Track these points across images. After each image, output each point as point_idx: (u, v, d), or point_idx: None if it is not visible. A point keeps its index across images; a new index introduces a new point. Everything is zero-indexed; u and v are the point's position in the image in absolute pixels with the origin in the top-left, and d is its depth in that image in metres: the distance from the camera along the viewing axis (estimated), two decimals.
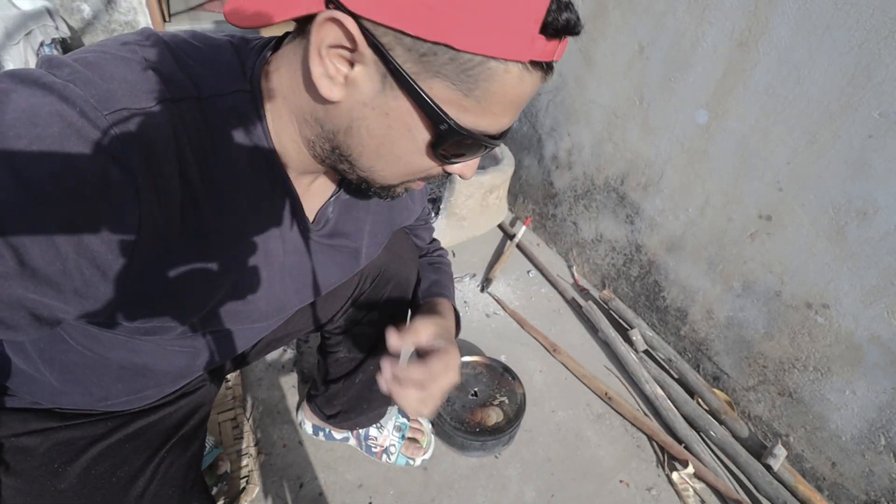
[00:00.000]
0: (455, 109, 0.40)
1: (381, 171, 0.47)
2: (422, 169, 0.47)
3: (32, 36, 2.61)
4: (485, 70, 0.38)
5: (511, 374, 1.24)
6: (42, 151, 0.34)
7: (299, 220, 0.54)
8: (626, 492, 1.13)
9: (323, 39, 0.39)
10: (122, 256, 0.40)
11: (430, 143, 0.43)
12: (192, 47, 0.45)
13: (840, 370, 1.06)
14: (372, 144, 0.44)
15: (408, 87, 0.39)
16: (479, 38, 0.37)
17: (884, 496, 1.03)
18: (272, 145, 0.47)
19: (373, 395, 1.02)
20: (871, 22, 0.87)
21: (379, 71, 0.39)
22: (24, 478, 0.59)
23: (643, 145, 1.39)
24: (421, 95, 0.39)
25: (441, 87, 0.39)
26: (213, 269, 0.48)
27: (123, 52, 0.41)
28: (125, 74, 0.39)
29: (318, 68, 0.40)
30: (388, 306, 0.90)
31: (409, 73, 0.39)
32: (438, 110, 0.40)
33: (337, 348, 0.96)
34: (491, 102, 0.41)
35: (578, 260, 1.75)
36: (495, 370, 1.25)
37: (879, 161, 0.91)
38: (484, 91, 0.40)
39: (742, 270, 1.21)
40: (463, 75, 0.38)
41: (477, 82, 0.39)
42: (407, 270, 0.88)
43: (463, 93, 0.40)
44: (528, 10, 0.37)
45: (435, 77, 0.39)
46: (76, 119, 0.35)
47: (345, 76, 0.40)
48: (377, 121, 0.42)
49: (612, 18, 1.38)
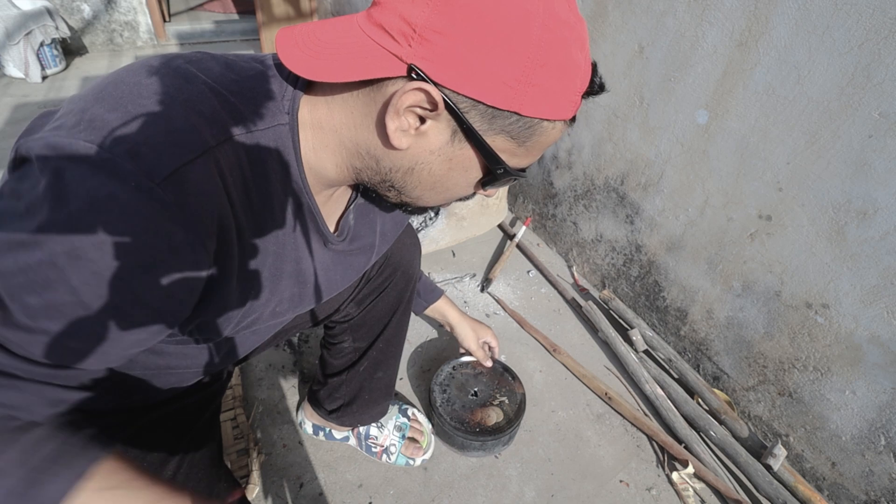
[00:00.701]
0: (508, 156, 0.48)
1: (428, 201, 0.55)
2: (462, 197, 0.55)
3: (32, 36, 2.62)
4: (539, 128, 0.47)
5: (511, 374, 1.23)
6: (112, 236, 0.38)
7: (324, 235, 0.59)
8: (626, 492, 1.13)
9: (405, 102, 0.44)
10: (196, 292, 0.46)
11: (481, 180, 0.51)
12: (230, 81, 0.46)
13: (840, 370, 1.06)
14: (429, 182, 0.51)
15: (475, 141, 0.46)
16: (542, 107, 0.45)
17: (884, 496, 1.03)
18: (303, 173, 0.51)
19: (375, 384, 1.03)
20: (871, 22, 0.87)
21: (450, 127, 0.46)
22: None
23: (643, 145, 1.39)
24: (486, 147, 0.47)
25: (502, 140, 0.47)
26: (255, 288, 0.54)
27: (162, 96, 0.42)
28: (167, 126, 0.40)
29: (393, 123, 0.45)
30: (394, 292, 0.93)
31: (478, 131, 0.46)
32: (497, 157, 0.48)
33: (341, 338, 0.97)
34: (535, 150, 0.49)
35: (578, 260, 1.76)
36: (495, 370, 1.24)
37: (879, 161, 0.91)
38: (534, 143, 0.48)
39: (742, 270, 1.21)
40: (523, 133, 0.47)
41: (531, 137, 0.47)
42: (410, 256, 0.93)
43: (518, 144, 0.48)
44: (577, 85, 0.46)
45: (498, 133, 0.46)
46: (132, 197, 0.38)
47: (416, 129, 0.46)
48: (440, 165, 0.49)
49: (612, 18, 1.38)
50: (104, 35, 3.19)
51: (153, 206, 0.38)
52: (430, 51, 0.42)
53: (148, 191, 0.38)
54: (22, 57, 2.64)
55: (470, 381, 1.21)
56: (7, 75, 2.74)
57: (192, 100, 0.43)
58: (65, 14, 3.00)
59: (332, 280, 0.67)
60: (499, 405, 1.16)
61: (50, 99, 2.58)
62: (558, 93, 0.45)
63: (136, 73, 0.44)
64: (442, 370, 1.21)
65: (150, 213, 0.38)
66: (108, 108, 0.40)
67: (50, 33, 2.73)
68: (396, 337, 1.01)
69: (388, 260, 0.90)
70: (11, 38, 2.57)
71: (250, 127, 0.46)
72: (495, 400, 1.18)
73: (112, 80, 0.43)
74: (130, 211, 0.38)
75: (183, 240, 0.40)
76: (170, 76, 0.44)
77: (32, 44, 2.65)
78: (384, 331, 0.97)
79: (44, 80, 2.76)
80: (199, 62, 0.47)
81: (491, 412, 1.14)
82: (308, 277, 0.61)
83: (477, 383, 1.21)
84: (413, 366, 1.37)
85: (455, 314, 1.15)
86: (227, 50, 3.42)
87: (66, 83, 2.76)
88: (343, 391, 1.03)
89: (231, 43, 3.58)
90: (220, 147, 0.43)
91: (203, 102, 0.43)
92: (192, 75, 0.45)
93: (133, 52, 3.25)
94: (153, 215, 0.38)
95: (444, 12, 0.41)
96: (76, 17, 3.05)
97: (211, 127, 0.42)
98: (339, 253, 0.64)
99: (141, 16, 3.24)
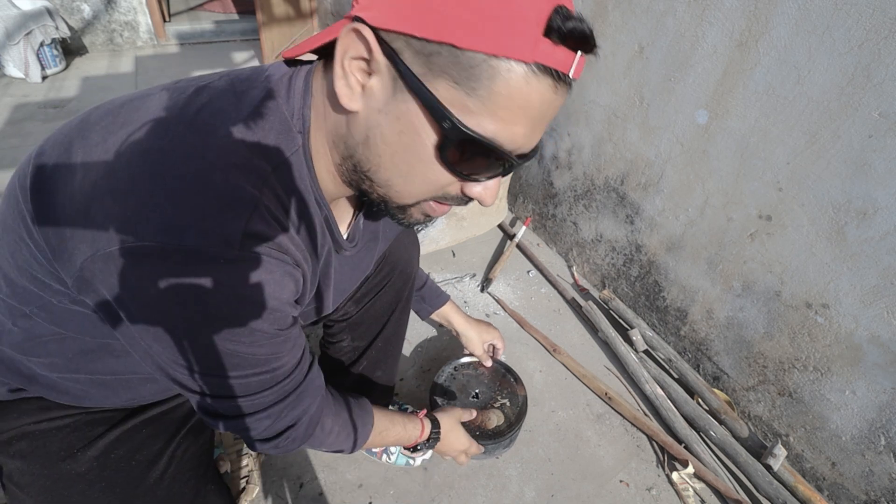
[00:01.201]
0: (459, 110, 0.41)
1: (397, 187, 0.48)
2: (436, 183, 0.47)
3: (32, 36, 2.62)
4: (487, 68, 0.39)
5: (513, 375, 1.21)
6: (242, 309, 0.45)
7: (339, 243, 0.60)
8: (626, 492, 1.13)
9: (346, 51, 0.42)
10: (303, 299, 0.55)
11: (438, 145, 0.43)
12: (247, 117, 0.47)
13: (840, 370, 1.06)
14: (387, 153, 0.45)
15: (415, 88, 0.40)
16: (481, 37, 0.37)
17: (884, 496, 1.03)
18: (319, 189, 0.52)
19: (374, 383, 1.03)
20: (871, 22, 0.87)
21: (391, 76, 0.41)
22: (41, 462, 0.61)
23: (643, 145, 1.39)
24: (426, 93, 0.40)
25: (446, 88, 0.40)
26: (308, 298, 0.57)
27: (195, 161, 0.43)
28: (216, 193, 0.42)
29: (340, 80, 0.43)
30: (392, 291, 0.93)
31: (416, 74, 0.40)
32: (441, 107, 0.40)
33: (340, 337, 0.97)
34: (498, 105, 0.40)
35: (578, 260, 1.75)
36: (497, 371, 1.22)
37: (879, 161, 0.91)
38: (488, 91, 0.39)
39: (742, 270, 1.21)
40: (465, 73, 0.39)
41: (480, 80, 0.39)
42: (408, 255, 0.94)
43: (466, 92, 0.40)
44: (530, 11, 0.38)
45: (440, 77, 0.40)
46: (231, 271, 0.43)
47: (363, 86, 0.43)
48: (390, 126, 0.44)
49: (612, 19, 1.38)
50: (104, 35, 3.19)
51: (247, 265, 0.43)
52: (366, 1, 0.42)
53: (235, 259, 0.42)
54: (22, 57, 2.64)
55: (471, 383, 1.19)
56: (7, 75, 2.74)
57: (221, 156, 0.43)
58: (65, 14, 3.00)
59: (343, 284, 0.69)
60: (500, 407, 1.15)
61: (50, 99, 2.58)
62: (503, 19, 0.37)
63: (158, 136, 0.44)
64: (443, 371, 1.20)
65: (249, 271, 0.43)
66: (147, 188, 0.41)
67: (50, 33, 2.73)
68: (396, 336, 1.01)
69: (385, 259, 0.90)
70: (11, 38, 2.57)
71: (277, 160, 0.47)
72: (496, 402, 1.16)
73: (139, 150, 0.43)
74: (233, 281, 0.43)
75: (283, 269, 0.46)
76: (190, 134, 0.44)
77: (32, 44, 2.65)
78: (383, 329, 0.97)
79: (44, 80, 2.76)
80: (211, 102, 0.46)
81: (492, 415, 1.13)
82: (328, 285, 0.63)
83: (478, 384, 1.19)
84: (413, 366, 1.37)
85: (460, 320, 1.14)
86: (227, 50, 3.42)
87: (66, 83, 2.76)
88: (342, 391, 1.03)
89: (231, 43, 3.57)
90: (263, 191, 0.44)
91: (233, 154, 0.44)
92: (209, 126, 0.45)
93: (133, 52, 3.25)
94: (251, 271, 0.43)
95: None
96: (76, 17, 3.05)
97: (248, 177, 0.44)
98: (347, 258, 0.66)
99: (141, 16, 3.24)
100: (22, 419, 0.61)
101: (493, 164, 0.45)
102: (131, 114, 0.46)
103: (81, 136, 0.47)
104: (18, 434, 0.61)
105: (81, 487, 0.61)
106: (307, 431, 0.59)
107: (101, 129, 0.46)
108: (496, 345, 1.20)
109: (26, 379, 0.60)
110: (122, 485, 0.63)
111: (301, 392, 0.56)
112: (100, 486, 0.62)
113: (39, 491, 0.60)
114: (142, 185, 0.41)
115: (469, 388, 1.18)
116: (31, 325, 0.54)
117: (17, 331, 0.56)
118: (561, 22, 0.38)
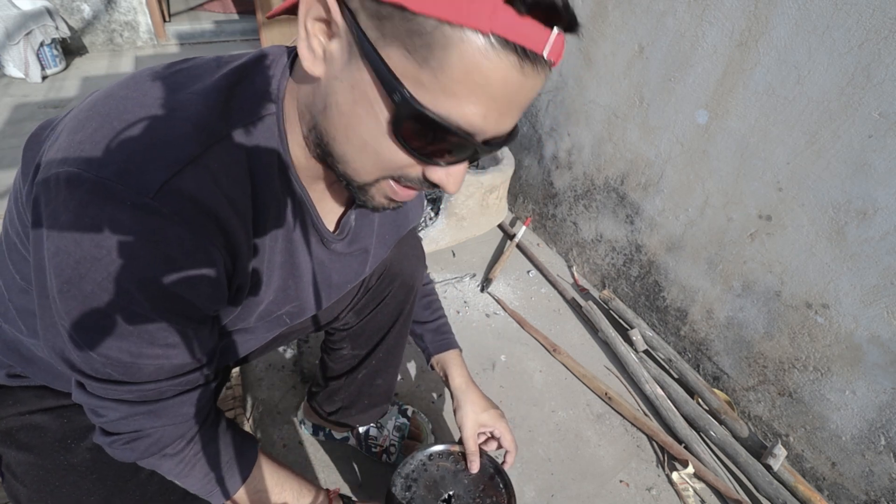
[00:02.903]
0: (412, 83, 0.38)
1: (353, 163, 0.45)
2: (392, 162, 0.44)
3: (32, 36, 2.61)
4: (440, 36, 0.35)
5: (504, 479, 0.86)
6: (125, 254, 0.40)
7: (320, 232, 0.57)
8: (626, 492, 1.13)
9: (308, 11, 0.40)
10: (221, 287, 0.47)
11: (390, 120, 0.40)
12: (220, 79, 0.46)
13: (840, 370, 1.06)
14: (341, 124, 0.43)
15: (368, 55, 0.38)
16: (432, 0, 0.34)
17: (884, 496, 1.03)
18: (292, 162, 0.49)
19: (374, 390, 1.02)
20: (871, 22, 0.87)
21: (348, 40, 0.39)
22: (37, 453, 0.62)
23: (643, 145, 1.39)
24: (378, 62, 0.37)
25: (398, 56, 0.37)
26: (253, 286, 0.53)
27: (147, 109, 0.42)
28: (151, 141, 0.41)
29: (302, 42, 0.41)
30: (393, 303, 0.91)
31: (369, 39, 0.38)
32: (393, 77, 0.37)
33: (341, 345, 0.96)
34: (450, 79, 0.37)
35: (578, 260, 1.76)
36: (484, 471, 0.88)
37: (879, 161, 0.91)
38: (440, 62, 0.36)
39: (742, 270, 1.21)
40: (417, 40, 0.36)
41: (431, 50, 0.36)
42: (412, 267, 0.90)
43: (418, 63, 0.37)
44: None
45: (392, 44, 0.37)
46: (132, 215, 0.39)
47: (324, 50, 0.41)
48: (344, 94, 0.41)
49: (612, 19, 1.38)
50: (104, 35, 3.19)
51: (154, 219, 0.40)
52: None
53: (143, 206, 0.39)
54: (22, 57, 2.64)
55: (445, 480, 0.87)
56: (7, 75, 2.74)
57: (176, 108, 0.43)
58: (65, 14, 3.00)
59: (329, 280, 0.65)
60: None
61: (50, 99, 2.58)
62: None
63: (127, 87, 0.45)
64: (413, 458, 0.88)
65: (154, 226, 0.40)
66: (95, 126, 0.41)
67: (50, 33, 2.73)
68: (397, 346, 0.99)
69: (387, 270, 0.87)
70: (11, 38, 2.57)
71: (240, 123, 0.45)
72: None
73: (104, 94, 0.44)
74: (135, 228, 0.39)
75: (191, 242, 0.42)
76: (157, 87, 0.44)
77: (32, 44, 2.65)
78: (384, 339, 0.95)
79: (44, 80, 2.76)
80: (190, 68, 0.47)
81: None
82: (303, 274, 0.59)
83: (454, 484, 0.86)
84: (413, 366, 1.37)
85: (460, 380, 0.91)
86: (227, 50, 3.42)
87: (66, 83, 2.76)
88: (342, 395, 1.02)
89: (231, 43, 3.58)
90: (210, 151, 0.42)
91: (187, 109, 0.43)
92: (178, 84, 0.45)
93: (133, 52, 3.25)
94: (157, 226, 0.40)
95: None
96: (76, 17, 3.05)
97: (198, 133, 0.42)
98: (337, 254, 0.63)
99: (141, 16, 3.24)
100: (17, 407, 0.62)
101: (454, 147, 0.42)
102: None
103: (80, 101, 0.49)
104: (17, 424, 0.62)
105: (74, 478, 0.61)
106: (147, 450, 0.53)
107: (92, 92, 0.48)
108: (496, 433, 0.90)
109: (25, 360, 0.61)
110: (114, 478, 0.63)
111: (163, 408, 0.51)
112: (92, 477, 0.62)
113: (33, 480, 0.61)
114: (92, 123, 0.42)
115: (441, 486, 0.86)
116: (26, 302, 0.55)
117: (16, 309, 0.57)
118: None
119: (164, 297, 0.43)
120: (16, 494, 0.62)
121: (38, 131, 0.51)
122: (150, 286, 0.42)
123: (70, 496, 0.61)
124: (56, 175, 0.40)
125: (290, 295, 0.60)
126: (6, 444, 0.62)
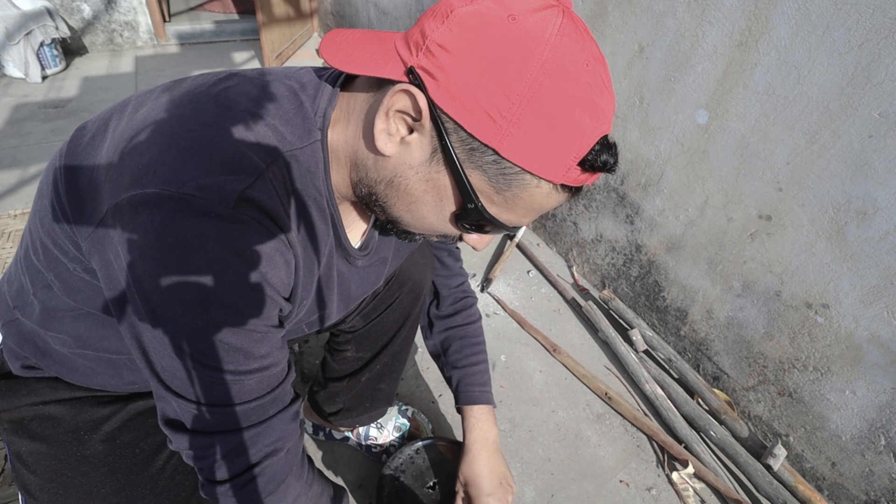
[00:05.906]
0: (485, 199, 0.47)
1: (407, 224, 0.54)
2: (442, 232, 0.53)
3: (32, 36, 2.62)
4: (519, 179, 0.44)
5: None
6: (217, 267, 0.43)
7: (345, 248, 0.61)
8: (626, 492, 1.13)
9: (394, 104, 0.44)
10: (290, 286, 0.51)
11: (455, 214, 0.49)
12: (268, 103, 0.49)
13: (840, 370, 1.06)
14: (405, 200, 0.50)
15: (452, 168, 0.45)
16: (523, 154, 0.43)
17: (884, 496, 1.03)
18: (331, 188, 0.53)
19: (377, 394, 1.03)
20: (871, 22, 0.87)
21: (432, 144, 0.45)
22: (50, 443, 0.63)
23: (643, 145, 1.39)
24: (462, 178, 0.45)
25: (478, 178, 0.45)
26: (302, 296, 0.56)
27: (209, 127, 0.45)
28: (222, 156, 0.44)
29: (381, 124, 0.46)
30: (401, 308, 0.92)
31: (458, 158, 0.45)
32: (472, 194, 0.46)
33: (345, 347, 0.97)
34: (517, 205, 0.47)
35: (578, 260, 1.76)
36: None
37: (879, 161, 0.91)
38: (514, 195, 0.46)
39: (742, 270, 1.21)
40: (500, 177, 0.44)
41: (510, 186, 0.45)
42: (421, 274, 0.91)
43: (495, 189, 0.45)
44: (572, 147, 0.43)
45: (477, 169, 0.45)
46: (218, 227, 0.42)
47: (401, 137, 0.46)
48: (417, 184, 0.48)
49: (612, 18, 1.38)
50: (104, 35, 3.19)
51: (237, 227, 0.43)
52: (431, 63, 0.43)
53: (227, 216, 0.42)
54: (22, 57, 2.64)
55: (433, 470, 0.93)
56: (7, 75, 2.74)
57: (238, 128, 0.46)
58: (65, 14, 3.00)
59: (350, 293, 0.68)
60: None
61: (50, 99, 2.58)
62: (546, 147, 0.42)
63: (182, 106, 0.47)
64: (401, 452, 0.94)
65: (237, 233, 0.43)
66: (162, 147, 0.44)
67: (50, 33, 2.73)
68: (402, 352, 1.00)
69: (396, 276, 0.88)
70: (11, 38, 2.57)
71: (291, 146, 0.48)
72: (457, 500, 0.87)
73: (162, 117, 0.46)
74: (220, 238, 0.42)
75: (271, 247, 0.45)
76: (213, 104, 0.47)
77: (32, 44, 2.65)
78: (389, 344, 0.96)
79: (44, 80, 2.76)
80: (236, 87, 0.49)
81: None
82: (333, 288, 0.63)
83: (440, 473, 0.93)
84: (413, 365, 1.37)
85: (480, 434, 0.85)
86: (227, 50, 3.42)
87: (67, 83, 2.76)
88: (343, 397, 1.02)
89: (231, 43, 3.58)
90: (270, 168, 0.46)
91: (248, 129, 0.46)
92: (231, 102, 0.48)
93: (133, 52, 3.25)
94: (239, 234, 0.43)
95: (454, 31, 0.42)
96: (76, 17, 3.05)
97: (259, 150, 0.45)
98: (358, 267, 0.66)
99: (141, 16, 3.24)
100: (31, 398, 0.64)
101: (495, 232, 0.52)
102: (164, 91, 0.51)
103: (119, 110, 0.52)
104: (30, 415, 0.63)
105: (86, 469, 0.62)
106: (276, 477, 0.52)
107: (135, 103, 0.51)
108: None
109: (41, 353, 0.62)
110: (125, 471, 0.64)
111: (270, 427, 0.51)
112: (103, 469, 0.63)
113: (45, 470, 0.62)
114: (158, 144, 0.44)
115: (427, 476, 0.94)
116: (48, 297, 0.57)
117: (38, 304, 0.59)
118: (595, 155, 0.43)
119: (258, 305, 0.46)
120: (26, 484, 0.63)
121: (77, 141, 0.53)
122: (240, 294, 0.44)
123: (82, 487, 0.62)
124: (130, 199, 0.42)
125: (317, 306, 0.63)
126: (18, 434, 0.63)
